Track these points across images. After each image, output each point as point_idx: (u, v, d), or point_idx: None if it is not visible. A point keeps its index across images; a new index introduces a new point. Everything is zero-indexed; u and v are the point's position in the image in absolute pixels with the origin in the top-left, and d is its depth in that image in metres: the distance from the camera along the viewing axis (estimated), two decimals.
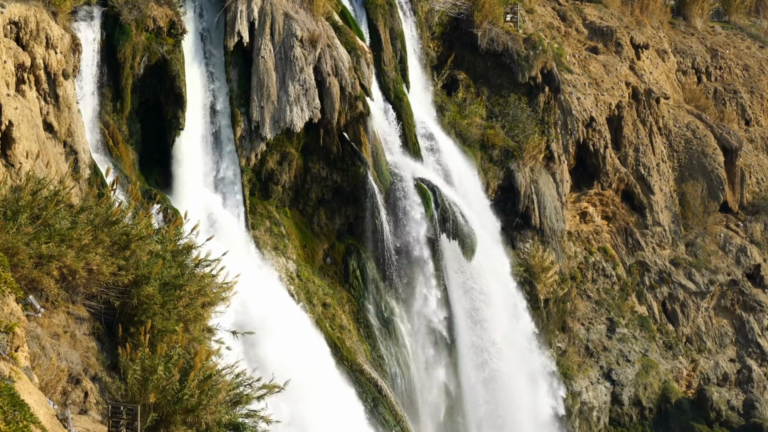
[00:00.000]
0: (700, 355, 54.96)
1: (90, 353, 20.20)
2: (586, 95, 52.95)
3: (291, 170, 39.91)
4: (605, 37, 58.53)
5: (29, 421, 14.26)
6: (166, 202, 34.22)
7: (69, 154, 30.38)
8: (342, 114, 39.76)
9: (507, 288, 46.03)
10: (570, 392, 49.11)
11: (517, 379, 45.04)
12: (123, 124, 34.96)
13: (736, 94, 64.46)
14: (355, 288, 40.67)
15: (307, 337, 36.66)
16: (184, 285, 21.22)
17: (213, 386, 19.03)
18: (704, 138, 58.74)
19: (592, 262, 53.57)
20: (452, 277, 42.83)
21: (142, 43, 34.84)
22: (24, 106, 27.66)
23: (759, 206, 59.88)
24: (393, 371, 40.18)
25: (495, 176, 47.79)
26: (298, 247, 39.91)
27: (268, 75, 38.10)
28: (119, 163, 34.08)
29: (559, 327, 50.45)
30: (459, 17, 49.46)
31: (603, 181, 53.91)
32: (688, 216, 57.47)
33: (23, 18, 28.74)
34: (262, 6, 38.24)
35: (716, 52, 65.70)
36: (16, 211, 19.89)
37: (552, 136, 50.26)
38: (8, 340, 15.98)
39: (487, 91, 49.85)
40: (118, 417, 17.74)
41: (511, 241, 47.93)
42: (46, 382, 17.94)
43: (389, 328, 40.81)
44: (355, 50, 40.61)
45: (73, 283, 20.50)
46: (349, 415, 36.02)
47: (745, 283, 56.97)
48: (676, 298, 55.19)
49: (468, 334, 43.28)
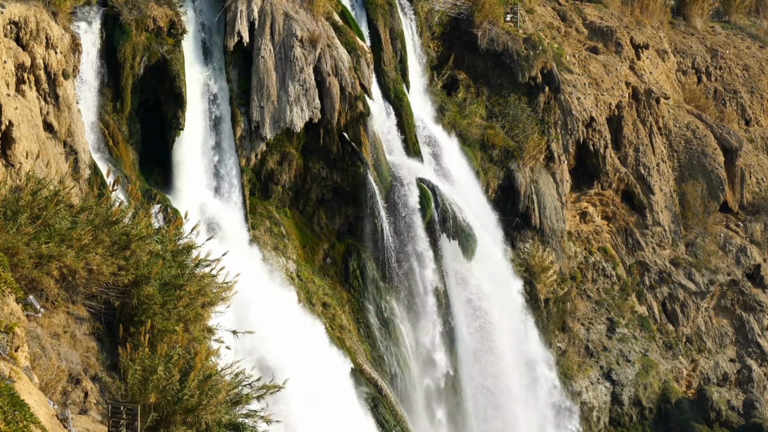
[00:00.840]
0: (700, 355, 54.94)
1: (90, 353, 20.20)
2: (586, 95, 52.93)
3: (291, 170, 39.90)
4: (605, 37, 58.52)
5: (29, 421, 14.26)
6: (166, 202, 34.21)
7: (69, 154, 30.36)
8: (342, 114, 39.75)
9: (507, 288, 46.00)
10: (570, 392, 49.10)
11: (518, 378, 45.05)
12: (123, 124, 34.95)
13: (736, 94, 64.44)
14: (355, 288, 40.66)
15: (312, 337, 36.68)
16: (184, 285, 21.22)
17: (213, 386, 19.04)
18: (704, 138, 58.73)
19: (592, 262, 53.56)
20: (452, 277, 42.82)
21: (142, 43, 34.83)
22: (24, 106, 27.65)
23: (759, 206, 59.86)
24: (393, 371, 40.17)
25: (495, 176, 47.78)
26: (298, 247, 39.90)
27: (268, 75, 38.10)
28: (119, 163, 34.07)
29: (559, 327, 50.44)
30: (459, 17, 49.46)
31: (603, 181, 53.89)
32: (688, 216, 57.45)
33: (23, 18, 28.73)
34: (262, 6, 38.23)
35: (716, 52, 65.69)
36: (16, 211, 19.88)
37: (552, 136, 50.25)
38: (8, 340, 15.98)
39: (487, 91, 49.84)
40: (118, 417, 17.74)
41: (511, 241, 47.91)
42: (46, 382, 17.93)
43: (389, 328, 40.79)
44: (355, 50, 40.60)
45: (73, 283, 20.50)
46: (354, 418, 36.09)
47: (745, 283, 56.96)
48: (676, 298, 55.18)
49: (468, 334, 43.26)
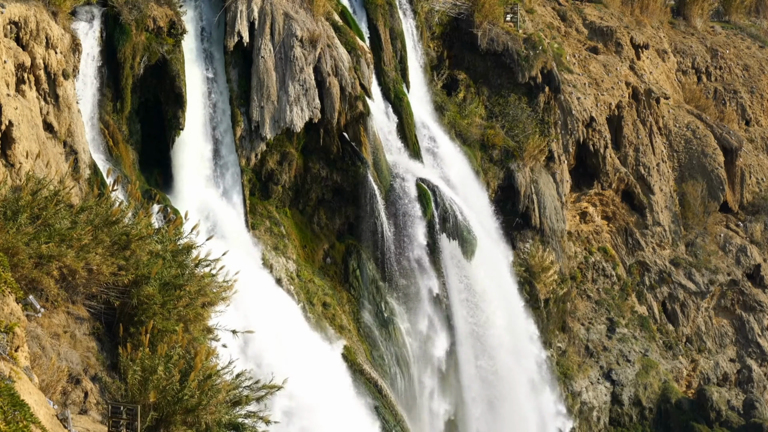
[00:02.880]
0: (700, 355, 54.94)
1: (90, 353, 20.18)
2: (586, 95, 52.93)
3: (291, 170, 39.89)
4: (605, 37, 58.52)
5: (29, 421, 14.26)
6: (166, 202, 34.21)
7: (69, 154, 30.37)
8: (342, 114, 39.75)
9: (507, 288, 46.00)
10: (570, 392, 49.09)
11: (517, 379, 45.03)
12: (123, 124, 34.94)
13: (736, 94, 64.44)
14: (355, 288, 40.65)
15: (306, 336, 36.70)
16: (184, 285, 21.20)
17: (213, 386, 19.02)
18: (704, 138, 58.73)
19: (592, 262, 53.56)
20: (452, 277, 42.80)
21: (142, 43, 34.82)
22: (24, 106, 27.65)
23: (759, 206, 59.87)
24: (393, 371, 40.17)
25: (495, 176, 47.77)
26: (298, 247, 39.89)
27: (268, 75, 38.09)
28: (119, 163, 34.07)
29: (559, 327, 50.43)
30: (459, 17, 49.45)
31: (603, 181, 53.89)
32: (688, 216, 57.45)
33: (23, 18, 28.73)
34: (262, 6, 38.23)
35: (716, 52, 65.70)
36: (16, 211, 19.86)
37: (552, 136, 50.23)
38: (8, 340, 15.98)
39: (487, 91, 49.83)
40: (118, 417, 17.73)
41: (511, 241, 47.91)
42: (46, 382, 17.91)
43: (389, 328, 40.78)
44: (355, 50, 40.59)
45: (73, 283, 20.48)
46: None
47: (745, 283, 56.96)
48: (676, 298, 55.17)
49: (468, 333, 43.26)
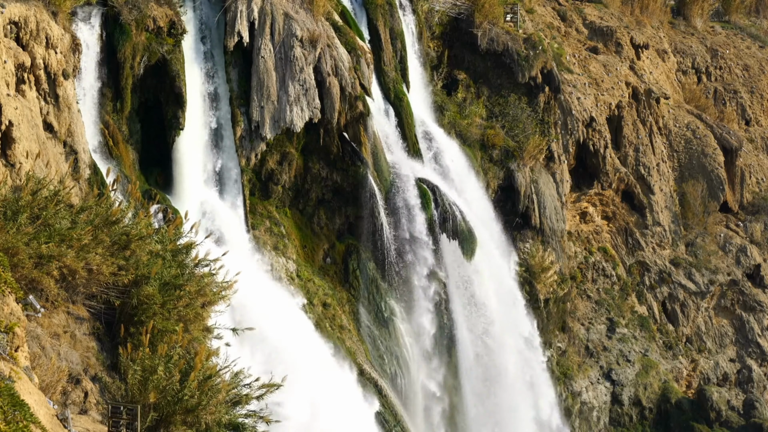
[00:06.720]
0: (700, 355, 54.94)
1: (90, 353, 20.18)
2: (586, 95, 52.92)
3: (291, 170, 39.89)
4: (605, 37, 58.51)
5: (29, 421, 14.26)
6: (166, 202, 34.22)
7: (69, 154, 30.38)
8: (342, 114, 39.75)
9: (507, 288, 46.00)
10: (570, 392, 49.09)
11: (517, 379, 45.03)
12: (123, 124, 34.95)
13: (736, 94, 64.44)
14: (355, 288, 40.66)
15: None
16: (183, 285, 21.20)
17: (213, 386, 19.02)
18: (704, 138, 58.73)
19: (592, 262, 53.56)
20: (452, 277, 42.81)
21: (142, 43, 34.83)
22: (24, 106, 27.65)
23: (759, 206, 59.87)
24: (393, 371, 40.17)
25: (495, 176, 47.77)
26: (298, 247, 39.89)
27: (268, 75, 38.10)
28: (119, 163, 34.08)
29: (559, 327, 50.43)
30: (459, 17, 49.44)
31: (603, 181, 53.88)
32: (688, 216, 57.45)
33: (23, 18, 28.73)
34: (262, 6, 38.23)
35: (716, 52, 65.69)
36: (16, 211, 19.86)
37: (552, 136, 50.23)
38: (8, 340, 15.98)
39: (487, 91, 49.82)
40: (118, 417, 17.73)
41: (512, 241, 47.90)
42: (46, 382, 17.91)
43: (389, 328, 40.79)
44: (355, 50, 40.59)
45: (73, 283, 20.48)
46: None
47: (745, 283, 56.96)
48: (676, 298, 55.17)
49: (468, 333, 43.27)
